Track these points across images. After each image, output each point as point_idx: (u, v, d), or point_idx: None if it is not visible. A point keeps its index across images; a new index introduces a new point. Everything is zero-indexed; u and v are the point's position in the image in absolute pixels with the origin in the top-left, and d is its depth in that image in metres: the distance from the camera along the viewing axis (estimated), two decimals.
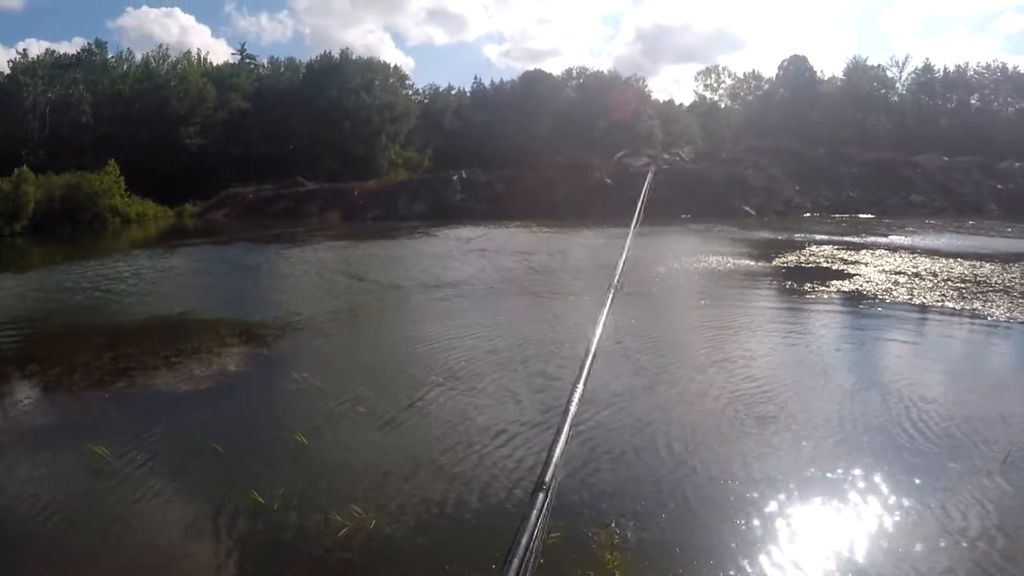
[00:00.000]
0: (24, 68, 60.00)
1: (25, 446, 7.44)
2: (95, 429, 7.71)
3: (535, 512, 2.16)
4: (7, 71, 60.45)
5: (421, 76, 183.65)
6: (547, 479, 2.35)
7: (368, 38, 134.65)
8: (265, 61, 76.58)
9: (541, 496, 2.25)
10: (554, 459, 2.48)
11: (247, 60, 74.50)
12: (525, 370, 9.55)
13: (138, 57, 68.19)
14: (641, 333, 11.42)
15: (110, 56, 66.80)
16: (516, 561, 1.93)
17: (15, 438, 7.69)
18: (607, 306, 4.38)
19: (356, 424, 7.78)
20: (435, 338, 11.59)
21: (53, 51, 64.87)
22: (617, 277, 4.88)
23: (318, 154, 61.36)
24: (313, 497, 6.03)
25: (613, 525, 5.39)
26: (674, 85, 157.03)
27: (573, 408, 2.98)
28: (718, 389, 8.69)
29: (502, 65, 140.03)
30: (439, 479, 6.34)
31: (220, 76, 67.54)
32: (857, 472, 6.29)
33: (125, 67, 66.31)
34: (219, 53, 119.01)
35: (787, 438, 7.09)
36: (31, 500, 6.18)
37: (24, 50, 64.77)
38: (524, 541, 2.00)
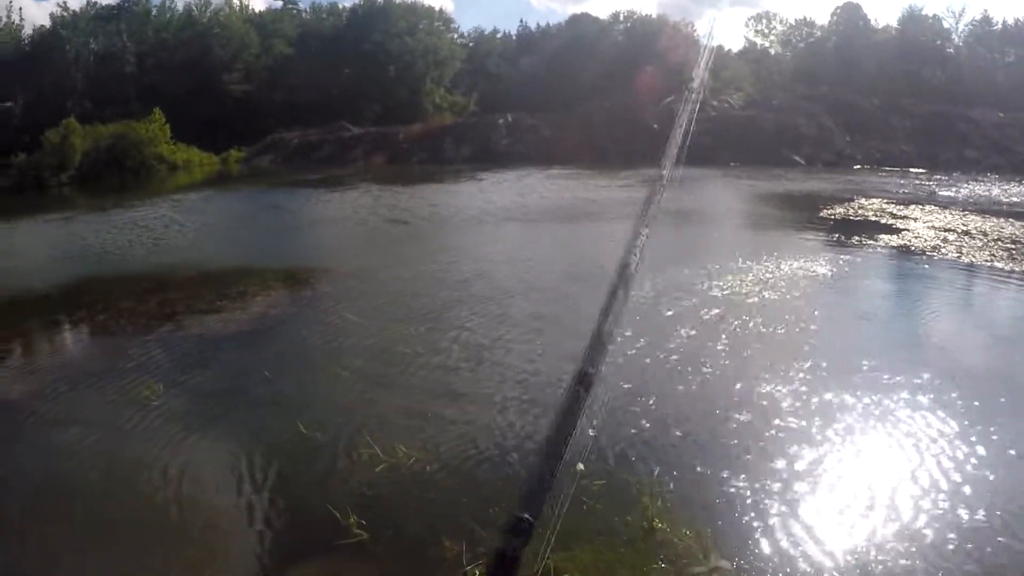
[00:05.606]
0: (65, 22, 60.24)
1: (75, 391, 7.52)
2: (142, 372, 7.82)
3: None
4: (47, 24, 60.76)
5: (460, 18, 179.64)
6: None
7: None
8: (307, 7, 76.25)
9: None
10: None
11: (289, 5, 74.22)
12: (573, 318, 9.46)
13: (180, 5, 68.23)
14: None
15: (153, 5, 66.85)
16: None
17: (65, 384, 7.72)
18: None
19: (401, 362, 7.81)
20: (481, 281, 11.63)
21: (96, 2, 64.95)
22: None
23: (363, 99, 61.06)
24: (356, 431, 6.11)
25: (655, 474, 5.35)
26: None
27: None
28: (768, 340, 8.58)
29: (542, 7, 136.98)
30: (485, 422, 6.33)
31: (262, 22, 67.28)
32: (907, 428, 6.16)
33: (168, 16, 66.34)
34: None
35: (831, 387, 6.94)
36: (82, 439, 6.32)
37: (65, 2, 64.87)
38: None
